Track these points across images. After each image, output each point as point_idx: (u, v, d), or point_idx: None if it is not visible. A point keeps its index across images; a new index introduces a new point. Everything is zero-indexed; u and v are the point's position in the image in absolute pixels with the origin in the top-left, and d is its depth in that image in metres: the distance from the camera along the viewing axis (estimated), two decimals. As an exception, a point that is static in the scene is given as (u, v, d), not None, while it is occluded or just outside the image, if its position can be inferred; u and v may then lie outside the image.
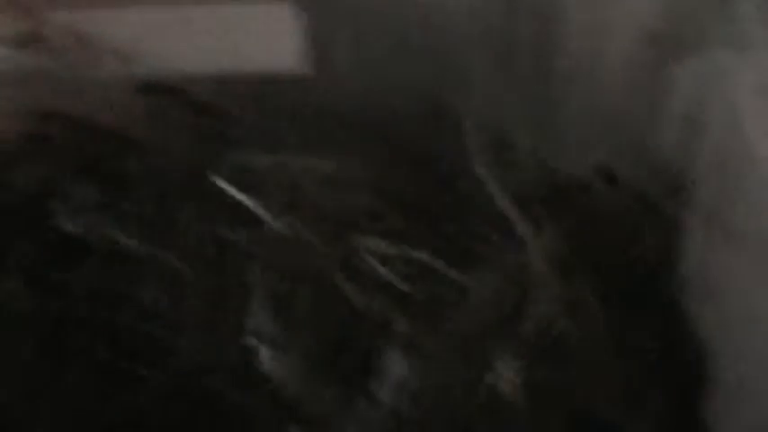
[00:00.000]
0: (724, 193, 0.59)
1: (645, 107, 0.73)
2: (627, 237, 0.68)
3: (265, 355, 0.60)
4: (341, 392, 0.58)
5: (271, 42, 0.73)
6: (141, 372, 0.60)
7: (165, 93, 0.76)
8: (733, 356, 0.57)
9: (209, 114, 0.75)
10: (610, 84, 0.75)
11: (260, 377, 0.59)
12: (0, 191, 0.72)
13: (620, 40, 0.73)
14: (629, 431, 0.58)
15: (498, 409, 0.56)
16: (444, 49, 0.74)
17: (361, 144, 0.71)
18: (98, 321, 0.63)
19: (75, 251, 0.67)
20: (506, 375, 0.57)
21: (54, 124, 0.76)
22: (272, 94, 0.75)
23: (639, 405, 0.58)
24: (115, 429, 0.57)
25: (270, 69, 0.74)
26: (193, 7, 0.73)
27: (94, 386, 0.59)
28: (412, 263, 0.62)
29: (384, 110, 0.74)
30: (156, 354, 0.60)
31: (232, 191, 0.66)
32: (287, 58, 0.74)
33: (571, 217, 0.66)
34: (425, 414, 0.57)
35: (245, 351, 0.60)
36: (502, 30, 0.75)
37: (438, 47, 0.75)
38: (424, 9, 0.72)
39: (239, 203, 0.68)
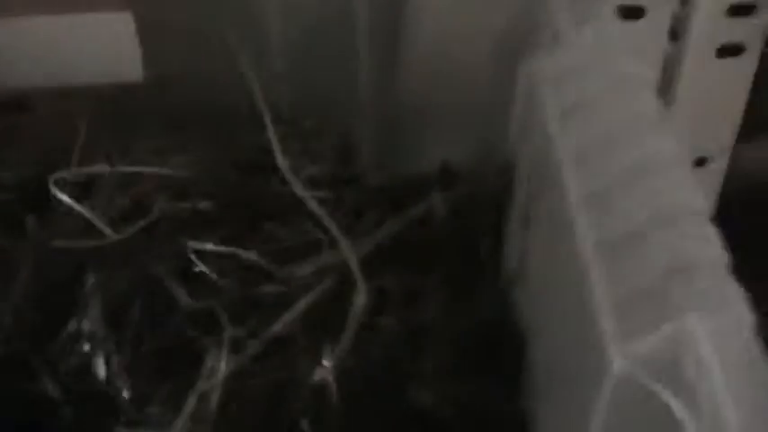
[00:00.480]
0: (536, 189, 0.62)
1: (488, 107, 0.76)
2: (458, 232, 0.70)
3: (99, 359, 0.61)
4: (171, 392, 0.60)
5: (107, 52, 0.74)
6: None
7: (12, 107, 0.78)
8: (543, 338, 0.60)
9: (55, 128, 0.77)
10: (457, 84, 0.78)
11: (94, 380, 0.61)
12: None
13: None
14: (449, 418, 0.60)
15: (320, 404, 0.59)
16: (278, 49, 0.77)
17: (194, 149, 0.73)
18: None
19: None
20: (327, 369, 0.59)
21: None
22: (112, 103, 0.77)
23: (460, 391, 0.61)
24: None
25: (108, 78, 0.75)
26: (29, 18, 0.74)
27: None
28: (241, 263, 0.64)
29: (216, 113, 0.76)
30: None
31: (70, 203, 0.68)
32: (124, 66, 0.75)
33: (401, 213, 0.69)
34: (251, 412, 0.59)
35: (81, 356, 0.61)
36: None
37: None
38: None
39: (79, 214, 0.69)
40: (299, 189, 0.66)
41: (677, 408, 0.42)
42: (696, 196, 0.48)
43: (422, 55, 0.78)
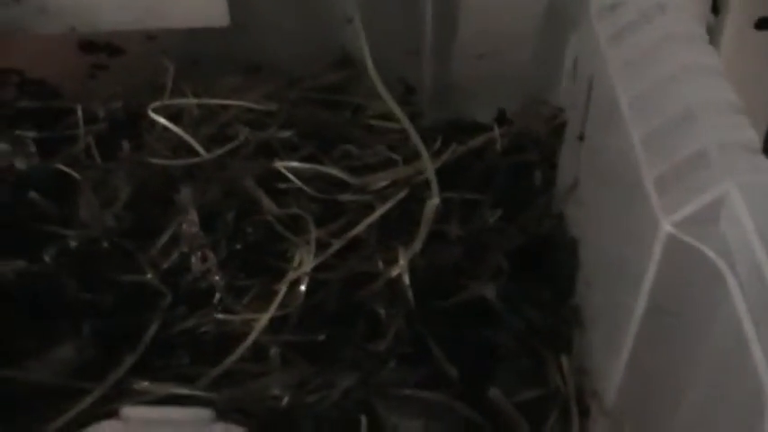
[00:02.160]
0: (590, 121, 0.74)
1: (539, 65, 0.88)
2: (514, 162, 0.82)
3: (195, 257, 0.73)
4: (263, 283, 0.71)
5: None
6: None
7: (103, 49, 0.89)
8: (597, 235, 0.71)
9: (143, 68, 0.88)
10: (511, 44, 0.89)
11: (190, 275, 0.72)
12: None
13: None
14: (511, 312, 0.71)
15: (394, 293, 0.70)
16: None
17: (277, 87, 0.85)
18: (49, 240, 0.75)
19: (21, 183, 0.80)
20: (400, 264, 0.71)
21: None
22: (198, 46, 0.89)
23: (516, 288, 0.72)
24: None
25: (195, 23, 0.86)
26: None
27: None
28: (322, 178, 0.76)
29: (297, 58, 0.88)
30: (105, 260, 0.73)
31: (168, 124, 0.79)
32: (210, 12, 0.86)
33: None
34: (334, 299, 0.70)
35: (181, 255, 0.73)
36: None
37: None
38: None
39: (174, 138, 0.81)
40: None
41: (717, 261, 0.53)
42: (733, 96, 0.59)
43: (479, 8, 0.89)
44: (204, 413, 0.53)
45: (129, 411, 0.53)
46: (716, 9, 0.93)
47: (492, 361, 0.68)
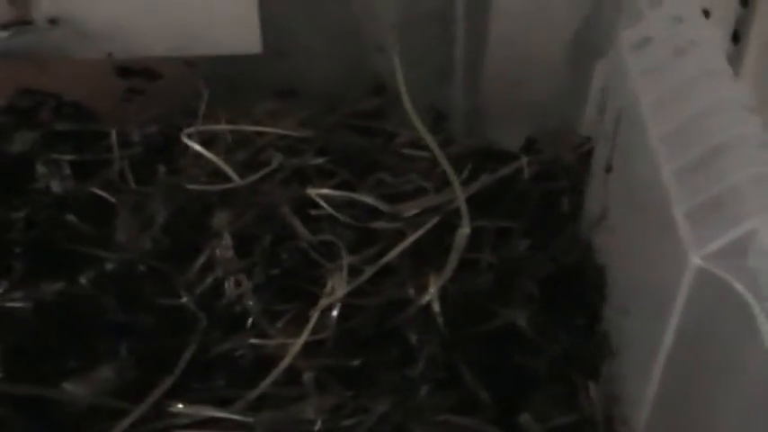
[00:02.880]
0: (617, 151, 0.76)
1: (563, 94, 0.91)
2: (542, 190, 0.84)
3: (229, 282, 0.75)
4: (296, 308, 0.73)
5: (231, 26, 0.88)
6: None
7: (140, 74, 0.92)
8: (622, 277, 0.74)
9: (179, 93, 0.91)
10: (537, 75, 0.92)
11: (225, 300, 0.74)
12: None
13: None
14: (542, 339, 0.74)
15: (426, 319, 0.72)
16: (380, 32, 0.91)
17: (310, 113, 0.88)
18: (86, 262, 0.77)
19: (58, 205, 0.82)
20: (432, 293, 0.73)
21: (34, 99, 0.92)
22: (233, 72, 0.91)
23: (544, 317, 0.75)
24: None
25: (228, 50, 0.89)
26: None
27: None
28: (355, 205, 0.78)
29: (330, 84, 0.90)
30: (142, 283, 0.75)
31: (202, 150, 0.82)
32: (243, 39, 0.89)
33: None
34: (366, 325, 0.73)
35: (215, 279, 0.75)
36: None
37: (373, 29, 0.91)
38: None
39: (208, 163, 0.83)
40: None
41: (746, 295, 0.55)
42: (760, 129, 0.61)
43: (506, 37, 0.91)
44: None
45: None
46: (736, 38, 0.95)
47: (523, 387, 0.70)
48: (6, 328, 0.71)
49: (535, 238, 0.79)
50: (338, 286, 0.72)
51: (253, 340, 0.72)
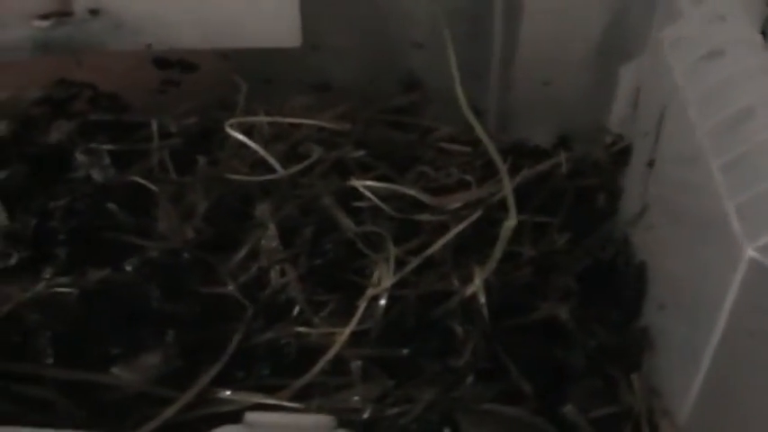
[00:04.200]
0: (661, 149, 0.77)
1: (590, 93, 0.92)
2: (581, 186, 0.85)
3: (274, 271, 0.76)
4: (342, 298, 0.74)
5: (271, 19, 0.89)
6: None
7: (176, 66, 0.93)
8: (663, 272, 0.75)
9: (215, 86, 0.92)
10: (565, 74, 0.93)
11: (269, 289, 0.75)
12: (30, 145, 0.87)
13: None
14: (581, 332, 0.75)
15: (469, 310, 0.73)
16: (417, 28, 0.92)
17: (347, 107, 0.89)
18: (128, 250, 0.78)
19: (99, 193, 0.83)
20: (476, 283, 0.74)
21: (70, 90, 0.93)
22: (269, 65, 0.92)
23: (589, 309, 0.76)
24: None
25: (268, 43, 0.90)
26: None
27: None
28: (399, 198, 0.79)
29: (363, 79, 0.91)
30: (185, 271, 0.76)
31: (246, 141, 0.83)
32: (283, 33, 0.90)
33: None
34: (413, 315, 0.74)
35: (260, 269, 0.76)
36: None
37: (408, 25, 0.92)
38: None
39: (248, 154, 0.84)
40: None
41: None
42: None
43: (537, 38, 0.92)
44: (326, 420, 0.56)
45: (252, 417, 0.56)
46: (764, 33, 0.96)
47: (563, 379, 0.71)
48: (53, 314, 0.71)
49: (571, 233, 0.79)
50: (385, 277, 0.72)
51: (299, 329, 0.71)
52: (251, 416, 0.56)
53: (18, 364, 0.68)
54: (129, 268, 0.75)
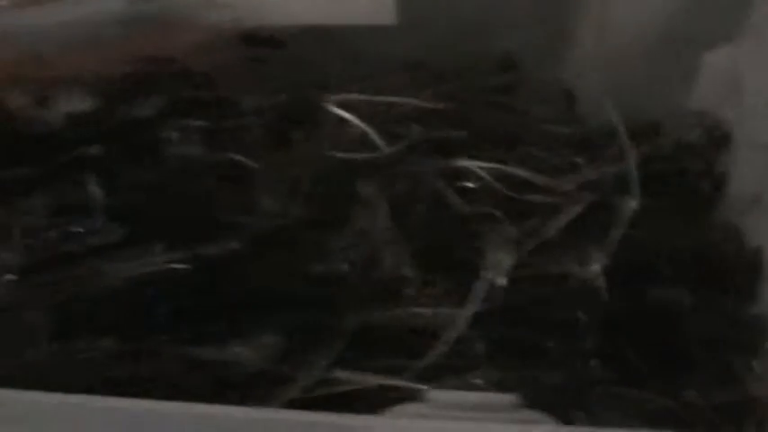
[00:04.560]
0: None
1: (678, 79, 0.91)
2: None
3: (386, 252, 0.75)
4: (456, 279, 0.73)
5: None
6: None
7: (265, 42, 0.92)
8: None
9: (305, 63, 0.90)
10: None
11: (381, 268, 0.74)
12: (121, 121, 0.86)
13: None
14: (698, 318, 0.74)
15: (586, 295, 0.72)
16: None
17: (445, 86, 0.88)
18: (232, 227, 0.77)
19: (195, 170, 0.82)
20: (594, 265, 0.73)
21: (158, 66, 0.92)
22: (360, 43, 0.91)
23: (704, 292, 0.75)
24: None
25: (362, 20, 0.89)
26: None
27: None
28: (507, 178, 0.78)
29: (459, 56, 0.90)
30: (293, 249, 0.75)
31: (350, 117, 0.81)
32: (378, 10, 0.89)
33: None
34: (525, 300, 0.73)
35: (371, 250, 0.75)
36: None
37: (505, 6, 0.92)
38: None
39: (345, 132, 0.83)
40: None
41: None
42: None
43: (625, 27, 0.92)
44: (508, 398, 0.55)
45: (433, 394, 0.55)
46: None
47: (683, 364, 0.70)
48: (168, 291, 0.70)
49: (678, 217, 0.79)
50: (503, 258, 0.71)
51: (415, 309, 0.70)
52: (433, 393, 0.55)
53: (142, 340, 0.66)
54: (236, 245, 0.73)
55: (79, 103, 0.89)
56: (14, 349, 0.69)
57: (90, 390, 0.63)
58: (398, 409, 0.55)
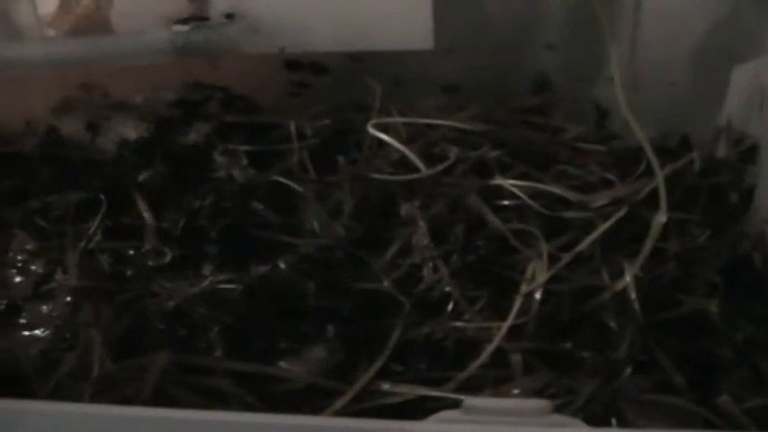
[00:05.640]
0: None
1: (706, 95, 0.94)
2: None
3: (427, 268, 0.78)
4: (495, 292, 0.77)
5: (404, 22, 0.92)
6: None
7: (308, 68, 0.96)
8: None
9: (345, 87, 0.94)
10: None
11: (423, 285, 0.78)
12: (169, 146, 0.90)
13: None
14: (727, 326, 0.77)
15: (621, 304, 0.76)
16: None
17: (481, 107, 0.91)
18: (278, 247, 0.81)
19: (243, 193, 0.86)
20: (627, 278, 0.76)
21: (203, 93, 0.96)
22: (400, 68, 0.95)
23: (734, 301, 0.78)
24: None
25: (401, 46, 0.92)
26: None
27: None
28: (541, 196, 0.82)
29: (495, 79, 0.94)
30: (339, 268, 0.79)
31: (391, 141, 0.85)
32: (416, 35, 0.92)
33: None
34: (566, 311, 0.76)
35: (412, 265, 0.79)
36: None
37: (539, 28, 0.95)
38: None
39: (387, 154, 0.87)
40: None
41: None
42: None
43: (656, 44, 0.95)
44: (542, 404, 0.58)
45: (470, 401, 0.58)
46: None
47: (713, 371, 0.73)
48: (220, 309, 0.73)
49: (708, 230, 0.82)
50: (539, 272, 0.74)
51: (455, 323, 0.74)
52: (469, 400, 0.58)
53: (197, 357, 0.70)
54: (283, 265, 0.76)
55: (129, 130, 0.93)
56: (72, 366, 0.72)
57: (145, 403, 0.67)
58: (436, 415, 0.58)
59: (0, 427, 0.57)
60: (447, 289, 0.77)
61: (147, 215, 0.83)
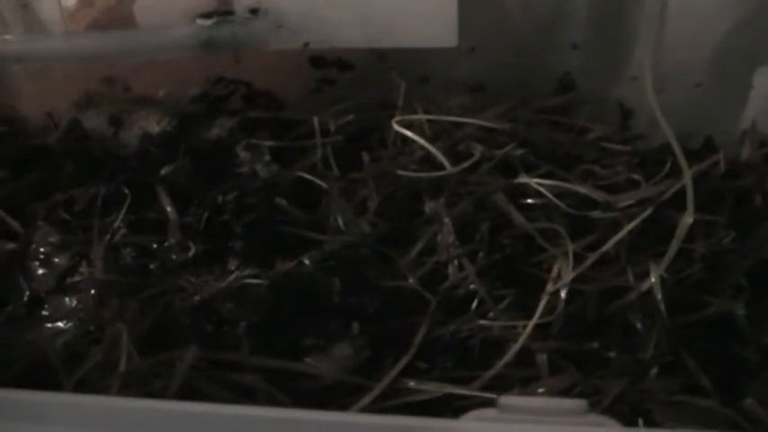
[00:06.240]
0: None
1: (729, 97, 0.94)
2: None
3: (452, 266, 0.78)
4: (520, 291, 0.77)
5: (428, 20, 0.92)
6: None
7: (332, 65, 0.96)
8: None
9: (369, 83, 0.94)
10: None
11: (448, 283, 0.78)
12: (192, 141, 0.90)
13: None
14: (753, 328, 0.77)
15: (646, 305, 0.75)
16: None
17: (506, 106, 0.91)
18: (303, 243, 0.81)
19: (267, 188, 0.86)
20: (653, 279, 0.76)
21: (227, 88, 0.96)
22: (425, 65, 0.95)
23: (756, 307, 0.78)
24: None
25: (426, 43, 0.92)
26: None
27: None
28: (567, 196, 0.81)
29: (519, 78, 0.94)
30: (365, 265, 0.79)
31: (416, 138, 0.85)
32: (441, 33, 0.92)
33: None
34: (592, 311, 0.76)
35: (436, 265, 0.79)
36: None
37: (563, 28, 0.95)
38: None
39: (412, 151, 0.87)
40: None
41: None
42: None
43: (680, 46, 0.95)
44: (578, 404, 0.58)
45: (506, 400, 0.58)
46: None
47: (739, 373, 0.73)
48: (246, 305, 0.73)
49: (733, 232, 0.81)
50: (564, 272, 0.74)
51: (481, 322, 0.74)
52: (505, 399, 0.58)
53: (225, 353, 0.70)
54: (308, 262, 0.76)
55: (152, 124, 0.93)
56: (100, 360, 0.72)
57: (173, 397, 0.67)
58: (472, 413, 0.58)
59: (26, 418, 0.56)
60: (472, 287, 0.76)
61: (169, 209, 0.82)
